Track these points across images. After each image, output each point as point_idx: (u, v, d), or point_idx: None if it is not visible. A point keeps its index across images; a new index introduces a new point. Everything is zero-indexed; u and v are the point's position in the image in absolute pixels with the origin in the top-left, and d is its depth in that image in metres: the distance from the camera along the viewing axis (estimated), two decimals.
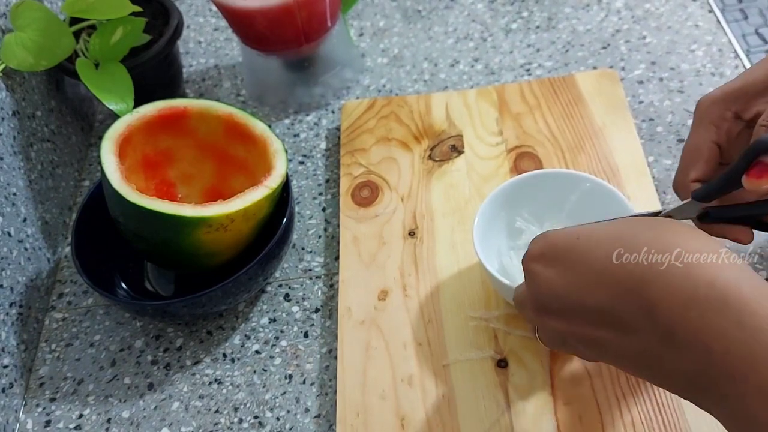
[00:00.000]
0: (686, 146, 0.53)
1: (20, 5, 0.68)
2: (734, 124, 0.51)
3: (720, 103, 0.51)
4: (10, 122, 0.67)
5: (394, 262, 0.65)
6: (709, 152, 0.51)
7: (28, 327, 0.66)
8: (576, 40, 0.81)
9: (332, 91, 0.81)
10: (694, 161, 0.52)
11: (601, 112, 0.72)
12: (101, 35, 0.71)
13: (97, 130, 0.84)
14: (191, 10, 0.94)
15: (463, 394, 0.56)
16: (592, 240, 0.41)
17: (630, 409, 0.54)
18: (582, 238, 0.42)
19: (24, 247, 0.67)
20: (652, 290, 0.37)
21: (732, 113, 0.51)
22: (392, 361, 0.59)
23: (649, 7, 0.83)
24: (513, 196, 0.60)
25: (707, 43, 0.78)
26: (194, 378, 0.63)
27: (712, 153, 0.51)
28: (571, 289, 0.41)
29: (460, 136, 0.73)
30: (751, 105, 0.51)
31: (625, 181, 0.66)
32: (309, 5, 0.71)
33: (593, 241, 0.41)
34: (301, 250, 0.69)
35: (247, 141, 0.65)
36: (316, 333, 0.64)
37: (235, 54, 0.88)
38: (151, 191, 0.65)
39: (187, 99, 0.70)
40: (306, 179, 0.75)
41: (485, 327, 0.60)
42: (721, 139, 0.51)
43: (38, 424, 0.62)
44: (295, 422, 0.59)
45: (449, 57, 0.83)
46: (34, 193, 0.69)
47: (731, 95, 0.51)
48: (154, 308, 0.62)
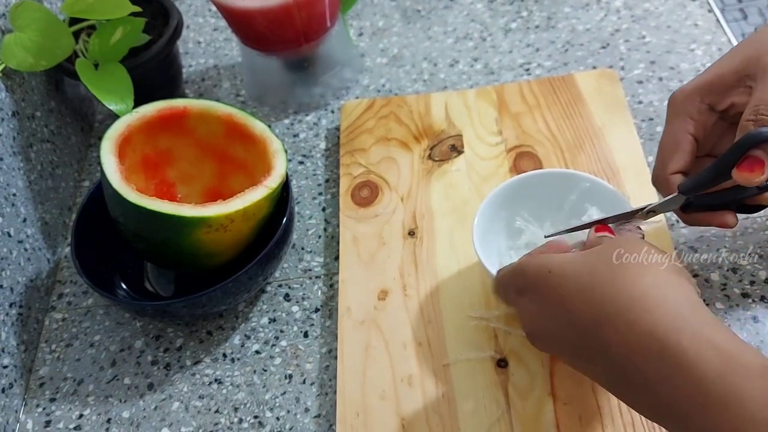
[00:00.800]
0: (663, 140, 0.54)
1: (20, 5, 0.68)
2: (708, 115, 0.53)
3: (693, 95, 0.53)
4: (10, 123, 0.67)
5: (393, 262, 0.65)
6: (687, 144, 0.53)
7: (28, 327, 0.66)
8: (575, 40, 0.81)
9: (332, 91, 0.81)
10: (672, 154, 0.53)
11: (600, 111, 0.72)
12: (101, 35, 0.71)
13: (96, 130, 0.84)
14: (191, 10, 0.94)
15: (463, 393, 0.57)
16: (566, 278, 0.43)
17: (630, 409, 0.54)
18: (554, 272, 0.44)
19: (24, 248, 0.67)
20: (604, 332, 0.40)
21: (706, 105, 0.52)
22: (392, 360, 0.59)
23: (649, 6, 0.83)
24: (513, 195, 0.60)
25: (706, 43, 0.78)
26: (194, 378, 0.63)
27: (690, 145, 0.53)
28: (546, 320, 0.44)
29: (459, 136, 0.73)
30: (723, 97, 0.52)
31: (624, 180, 0.66)
32: (308, 5, 0.71)
33: (567, 279, 0.43)
34: (301, 250, 0.69)
35: (246, 141, 0.65)
36: (315, 333, 0.64)
37: (234, 54, 0.88)
38: (151, 191, 0.65)
39: (187, 99, 0.70)
40: (306, 179, 0.75)
41: (485, 327, 0.60)
42: (698, 131, 0.53)
43: (38, 424, 0.62)
44: (295, 422, 0.59)
45: (448, 57, 0.83)
46: (34, 193, 0.69)
47: (704, 88, 0.52)
48: (154, 308, 0.62)
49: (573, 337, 0.42)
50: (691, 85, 0.53)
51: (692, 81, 0.53)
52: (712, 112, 0.53)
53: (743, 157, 0.46)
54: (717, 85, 0.52)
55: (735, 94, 0.51)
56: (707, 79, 0.52)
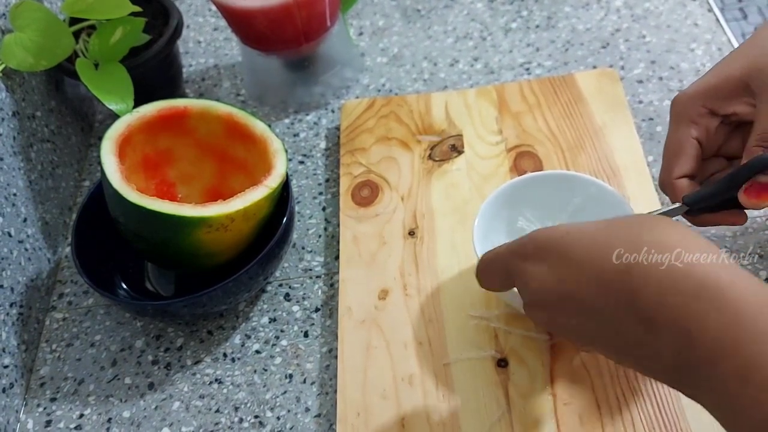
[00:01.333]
0: (667, 144, 0.54)
1: (20, 5, 0.68)
2: (710, 119, 0.53)
3: (695, 100, 0.53)
4: (10, 123, 0.67)
5: (394, 262, 0.65)
6: (691, 148, 0.53)
7: (28, 327, 0.66)
8: (576, 39, 0.81)
9: (332, 91, 0.81)
10: (677, 158, 0.53)
11: (600, 111, 0.72)
12: (101, 35, 0.71)
13: (97, 130, 0.84)
14: (191, 9, 0.94)
15: (464, 393, 0.57)
16: (584, 235, 0.42)
17: (630, 409, 0.54)
18: (572, 233, 0.42)
19: (24, 248, 0.67)
20: (633, 280, 0.38)
21: (707, 110, 0.52)
22: (393, 360, 0.59)
23: (649, 6, 0.83)
24: (514, 196, 0.60)
25: (707, 42, 0.78)
26: (195, 378, 0.63)
27: (694, 149, 0.53)
28: (559, 283, 0.42)
29: (459, 136, 0.73)
30: (725, 104, 0.52)
31: (624, 180, 0.66)
32: (308, 5, 0.71)
33: (585, 237, 0.42)
34: (302, 250, 0.69)
35: (247, 141, 0.65)
36: (316, 332, 0.64)
37: (234, 54, 0.88)
38: (151, 191, 0.65)
39: (187, 99, 0.70)
40: (306, 179, 0.75)
41: (486, 326, 0.60)
42: (701, 134, 0.53)
43: (39, 424, 0.62)
44: (295, 422, 0.59)
45: (449, 56, 0.83)
46: (34, 193, 0.69)
47: (707, 93, 0.52)
48: (155, 308, 0.62)
49: (591, 294, 0.40)
50: (693, 89, 0.53)
51: (694, 84, 0.53)
52: (714, 117, 0.52)
53: (750, 183, 0.46)
54: (718, 91, 0.51)
55: (737, 103, 0.51)
56: (709, 83, 0.52)
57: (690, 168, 0.52)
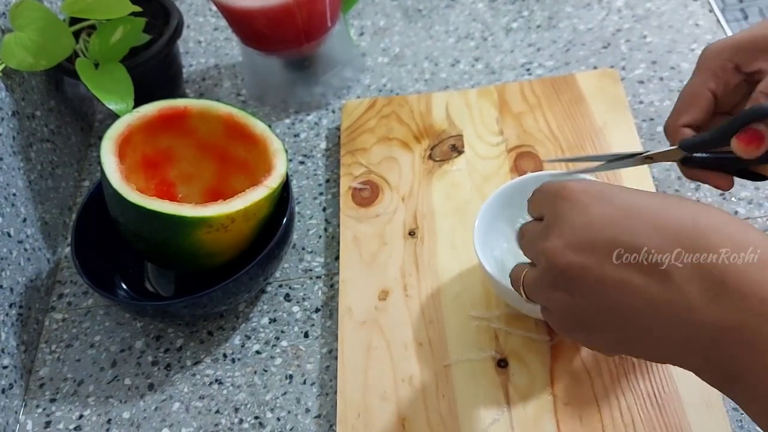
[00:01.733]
0: (684, 91, 0.54)
1: (20, 5, 0.68)
2: (733, 75, 0.52)
3: (725, 52, 0.52)
4: (10, 122, 0.67)
5: (394, 262, 0.65)
6: (704, 100, 0.53)
7: (28, 328, 0.66)
8: (577, 40, 0.81)
9: (333, 91, 0.81)
10: (688, 106, 0.53)
11: (601, 111, 0.72)
12: (101, 35, 0.71)
13: (96, 130, 0.84)
14: (191, 9, 0.94)
15: (464, 394, 0.56)
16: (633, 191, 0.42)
17: (630, 409, 0.54)
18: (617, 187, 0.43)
19: (24, 248, 0.67)
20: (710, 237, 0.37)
21: (733, 65, 0.52)
22: (393, 361, 0.59)
23: (650, 6, 0.83)
24: (515, 196, 0.60)
25: (707, 43, 0.77)
26: (195, 378, 0.63)
27: (707, 101, 0.53)
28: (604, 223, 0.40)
29: (460, 136, 0.73)
30: (752, 59, 0.51)
31: (625, 180, 0.66)
32: (309, 5, 0.71)
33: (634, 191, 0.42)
34: (302, 250, 0.69)
35: (247, 141, 0.65)
36: (316, 333, 0.64)
37: (235, 54, 0.88)
38: (151, 191, 0.65)
39: (187, 99, 0.70)
40: (306, 179, 0.75)
41: (486, 327, 0.60)
42: (719, 88, 0.53)
43: (38, 425, 0.62)
44: (295, 422, 0.59)
45: (450, 56, 0.83)
46: (34, 193, 0.69)
47: (738, 46, 0.52)
48: (155, 309, 0.62)
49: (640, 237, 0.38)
50: (723, 41, 0.53)
51: (725, 38, 0.53)
52: (738, 73, 0.52)
53: (744, 129, 0.46)
54: (748, 46, 0.52)
55: (764, 59, 0.51)
56: (743, 37, 0.52)
57: (698, 118, 0.52)
